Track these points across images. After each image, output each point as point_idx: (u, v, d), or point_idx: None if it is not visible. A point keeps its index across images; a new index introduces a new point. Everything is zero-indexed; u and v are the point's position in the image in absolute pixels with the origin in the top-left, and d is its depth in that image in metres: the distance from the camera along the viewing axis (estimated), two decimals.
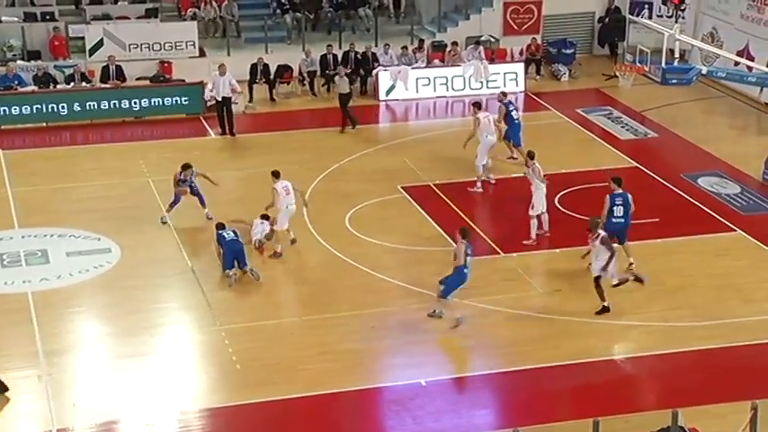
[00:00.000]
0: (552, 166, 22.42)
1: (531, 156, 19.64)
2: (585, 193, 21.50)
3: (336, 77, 25.49)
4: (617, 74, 26.50)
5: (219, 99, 24.70)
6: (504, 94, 23.69)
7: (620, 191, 18.04)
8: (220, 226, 18.25)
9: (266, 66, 27.23)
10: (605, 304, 16.76)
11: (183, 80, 26.83)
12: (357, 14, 30.71)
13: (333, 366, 15.39)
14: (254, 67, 27.11)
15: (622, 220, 17.93)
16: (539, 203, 19.17)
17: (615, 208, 17.90)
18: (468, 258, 16.33)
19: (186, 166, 20.09)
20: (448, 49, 28.96)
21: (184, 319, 16.99)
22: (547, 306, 16.88)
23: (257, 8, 30.61)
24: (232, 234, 17.93)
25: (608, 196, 18.00)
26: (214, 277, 17.89)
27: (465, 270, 16.29)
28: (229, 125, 24.78)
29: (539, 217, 19.26)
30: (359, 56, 27.92)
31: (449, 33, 29.76)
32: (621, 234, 17.96)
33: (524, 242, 19.06)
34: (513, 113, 23.13)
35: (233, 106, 24.96)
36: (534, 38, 30.03)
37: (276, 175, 18.95)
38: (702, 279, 18.04)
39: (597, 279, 16.71)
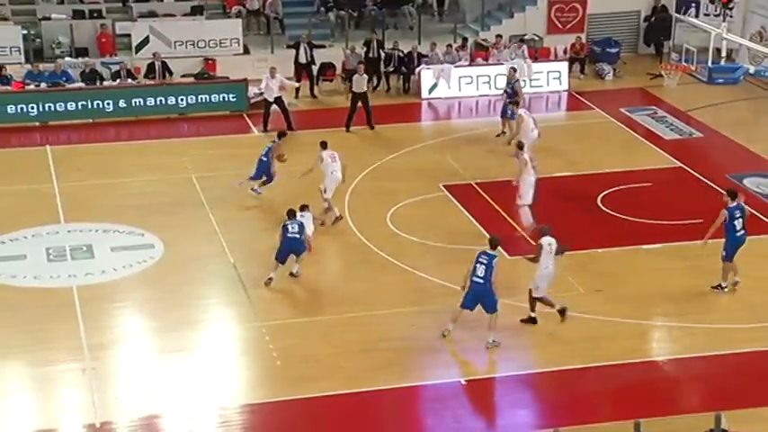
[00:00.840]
0: (595, 166, 22.28)
1: (520, 146, 19.67)
2: (628, 192, 21.30)
3: (355, 75, 25.05)
4: (662, 73, 26.19)
5: (271, 100, 24.79)
6: (515, 69, 24.74)
7: (736, 203, 17.22)
8: (291, 213, 17.81)
9: (311, 45, 27.18)
10: (533, 315, 16.33)
11: (227, 77, 26.95)
12: (401, 12, 30.68)
13: (373, 364, 15.37)
14: (297, 50, 27.06)
15: (743, 232, 17.23)
16: (527, 194, 19.14)
17: (737, 221, 17.10)
18: (481, 266, 15.46)
19: (281, 135, 21.26)
20: (492, 41, 28.85)
21: (226, 314, 17.07)
22: (588, 306, 16.74)
23: (301, 5, 30.69)
24: (297, 228, 17.68)
25: (724, 210, 17.06)
26: (255, 273, 17.94)
27: (473, 278, 15.58)
28: (287, 121, 24.86)
29: (527, 207, 19.24)
30: (403, 54, 27.77)
31: (492, 31, 29.62)
32: (738, 248, 17.22)
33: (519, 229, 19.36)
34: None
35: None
36: (579, 36, 29.80)
37: (324, 145, 19.91)
38: (748, 281, 17.78)
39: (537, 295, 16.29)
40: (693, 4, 30.35)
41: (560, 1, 30.23)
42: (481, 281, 15.55)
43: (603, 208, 20.62)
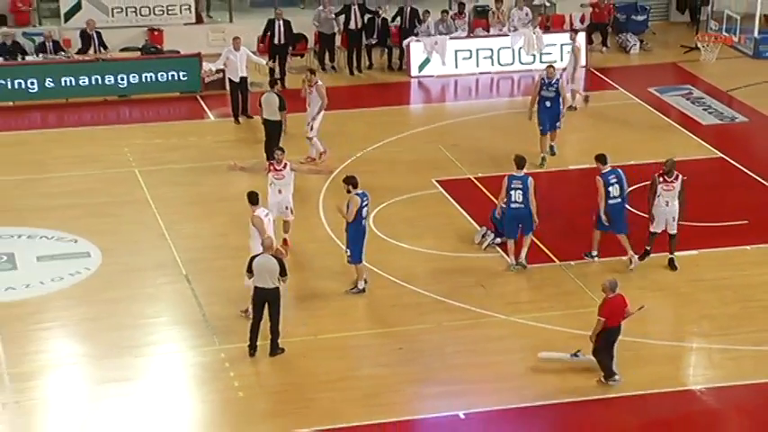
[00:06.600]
0: (619, 157, 22.28)
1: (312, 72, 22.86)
2: None
3: (264, 95, 22.37)
4: (699, 45, 26.46)
5: (237, 80, 24.59)
6: (553, 67, 23.43)
7: (609, 167, 18.65)
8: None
9: (287, 23, 26.68)
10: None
11: (178, 51, 26.99)
12: None
13: (352, 395, 15.41)
14: (270, 23, 26.65)
15: (619, 200, 18.61)
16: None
17: (612, 188, 18.48)
18: (516, 192, 18.17)
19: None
20: (491, 9, 28.86)
21: (177, 337, 17.07)
22: None
23: None
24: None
25: (599, 177, 18.52)
26: (213, 288, 17.98)
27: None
28: (243, 104, 24.86)
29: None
30: (381, 22, 27.55)
31: None
32: (618, 219, 18.61)
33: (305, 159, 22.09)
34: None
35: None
36: None
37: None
38: None
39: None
40: None
41: None
42: (521, 205, 18.27)
43: (628, 207, 20.70)
